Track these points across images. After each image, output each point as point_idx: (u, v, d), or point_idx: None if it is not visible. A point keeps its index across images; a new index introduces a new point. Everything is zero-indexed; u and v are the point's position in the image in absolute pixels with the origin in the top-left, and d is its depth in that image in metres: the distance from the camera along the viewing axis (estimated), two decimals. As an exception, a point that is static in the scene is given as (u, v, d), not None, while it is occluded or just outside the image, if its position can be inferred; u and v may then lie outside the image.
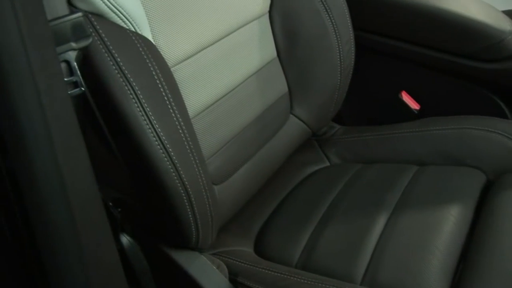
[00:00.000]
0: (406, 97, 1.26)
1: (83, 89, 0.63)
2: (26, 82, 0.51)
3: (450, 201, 0.91)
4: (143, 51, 0.68)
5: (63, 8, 0.64)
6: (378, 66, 1.26)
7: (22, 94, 0.51)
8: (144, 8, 0.74)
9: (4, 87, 0.51)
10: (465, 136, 1.04)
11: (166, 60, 0.75)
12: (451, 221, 0.87)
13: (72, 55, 0.62)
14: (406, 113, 1.26)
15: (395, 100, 1.27)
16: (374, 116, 1.33)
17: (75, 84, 0.63)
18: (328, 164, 1.15)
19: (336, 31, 1.03)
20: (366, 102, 1.33)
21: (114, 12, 0.68)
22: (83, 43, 0.63)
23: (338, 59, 1.05)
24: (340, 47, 1.04)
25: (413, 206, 0.91)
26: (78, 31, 0.63)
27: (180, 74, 0.79)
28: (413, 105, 1.26)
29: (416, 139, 1.09)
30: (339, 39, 1.04)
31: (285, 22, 1.01)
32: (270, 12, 1.01)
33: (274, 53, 1.02)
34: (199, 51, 0.82)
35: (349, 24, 1.07)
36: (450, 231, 0.85)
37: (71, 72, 0.63)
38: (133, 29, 0.71)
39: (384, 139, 1.13)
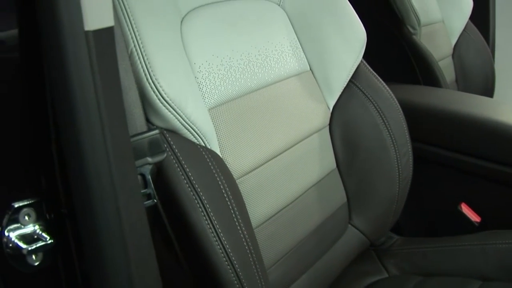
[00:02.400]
0: (466, 209, 1.26)
1: (155, 201, 0.68)
2: (108, 197, 0.56)
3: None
4: (212, 166, 0.73)
5: (142, 125, 0.70)
6: (437, 177, 1.27)
7: (103, 208, 0.56)
8: (214, 125, 0.80)
9: (88, 201, 0.56)
10: (532, 251, 1.02)
11: (232, 173, 0.80)
12: None
13: (147, 169, 0.68)
14: (466, 225, 1.25)
15: (454, 211, 1.27)
16: (433, 227, 1.32)
17: (148, 196, 0.68)
18: (386, 275, 1.13)
19: (395, 143, 1.06)
20: (425, 212, 1.32)
21: (187, 129, 0.73)
22: (158, 158, 0.68)
23: (397, 170, 1.07)
24: (399, 158, 1.07)
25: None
26: (154, 146, 0.68)
27: (244, 186, 0.83)
28: (474, 217, 1.25)
29: (478, 253, 1.07)
30: (397, 151, 1.06)
31: (344, 134, 1.05)
32: (330, 124, 1.05)
33: (333, 164, 1.06)
34: (263, 164, 0.87)
35: (407, 136, 1.10)
36: None
37: (145, 184, 0.68)
38: (203, 144, 0.76)
39: (443, 252, 1.12)
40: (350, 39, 1.04)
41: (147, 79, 0.69)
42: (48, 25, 0.54)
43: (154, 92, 0.69)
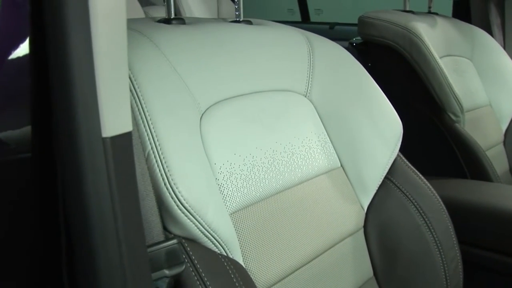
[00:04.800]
0: (529, 324, 1.25)
1: (172, 318, 0.71)
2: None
3: None
4: (235, 278, 0.76)
5: (158, 234, 0.74)
6: (493, 286, 1.27)
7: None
8: (236, 231, 0.83)
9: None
10: None
11: (257, 284, 0.83)
12: None
13: (164, 282, 0.71)
14: None
15: (515, 326, 1.25)
16: None
17: (165, 312, 0.71)
18: None
19: (440, 247, 1.07)
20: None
21: (207, 237, 0.77)
22: (176, 270, 0.72)
23: (444, 279, 1.08)
24: (445, 264, 1.08)
25: None
26: (172, 257, 0.72)
27: (270, 299, 0.86)
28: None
29: None
30: (443, 256, 1.08)
31: (381, 237, 1.08)
32: (365, 227, 1.08)
33: (370, 272, 1.08)
34: (290, 274, 0.90)
35: (454, 239, 1.11)
36: None
37: (162, 299, 0.71)
38: (224, 253, 0.79)
39: None
40: (385, 132, 1.09)
41: (165, 183, 0.74)
42: (65, 130, 0.59)
43: (172, 198, 0.73)
